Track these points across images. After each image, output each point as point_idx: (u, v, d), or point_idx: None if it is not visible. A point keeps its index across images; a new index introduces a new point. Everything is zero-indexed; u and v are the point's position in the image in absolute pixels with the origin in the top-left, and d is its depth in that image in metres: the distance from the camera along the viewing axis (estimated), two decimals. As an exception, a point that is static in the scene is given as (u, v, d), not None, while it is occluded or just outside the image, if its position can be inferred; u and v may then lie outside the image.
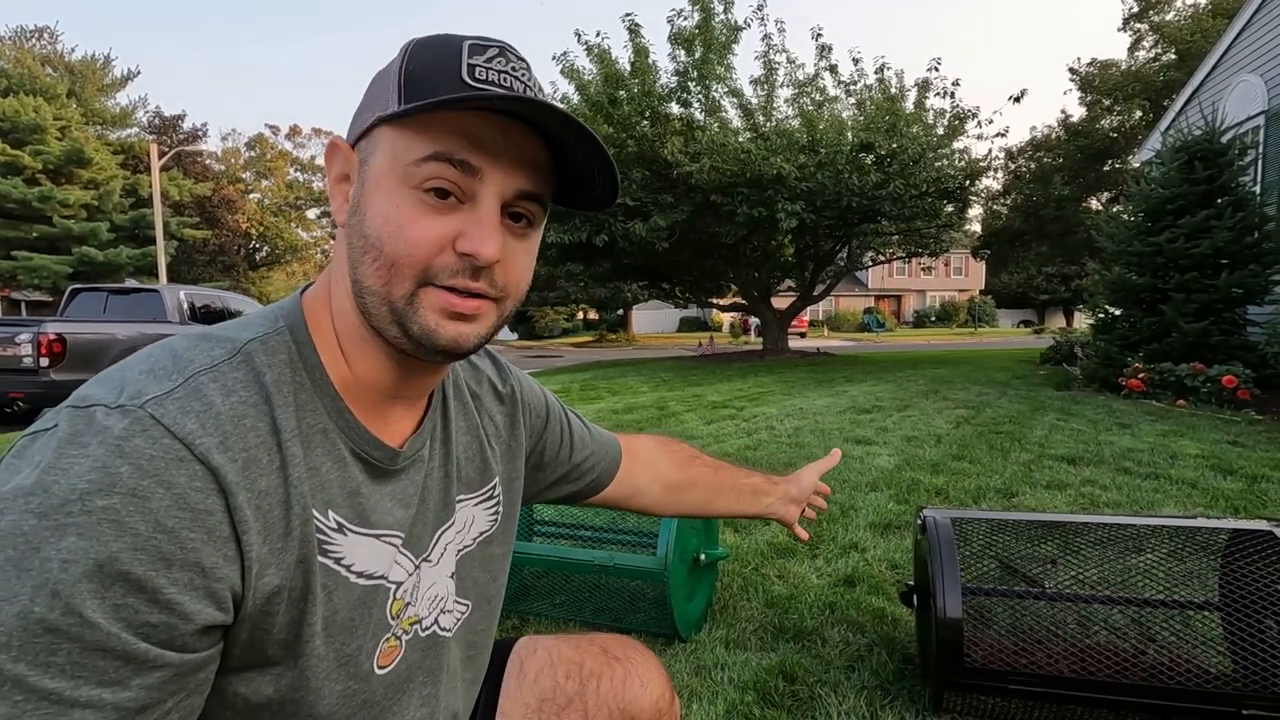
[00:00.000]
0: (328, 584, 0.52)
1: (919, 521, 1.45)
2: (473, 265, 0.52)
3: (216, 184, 31.05)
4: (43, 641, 0.38)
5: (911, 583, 1.61)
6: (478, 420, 0.72)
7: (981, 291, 43.61)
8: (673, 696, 0.81)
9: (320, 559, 0.51)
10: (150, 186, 19.48)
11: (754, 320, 30.13)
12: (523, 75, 0.52)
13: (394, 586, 0.58)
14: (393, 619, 0.58)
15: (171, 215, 25.23)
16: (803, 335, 27.33)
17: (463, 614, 0.68)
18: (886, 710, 1.36)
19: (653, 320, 43.08)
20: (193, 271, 28.74)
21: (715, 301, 16.07)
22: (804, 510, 1.11)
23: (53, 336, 6.75)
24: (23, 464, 0.42)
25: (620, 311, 33.83)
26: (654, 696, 0.76)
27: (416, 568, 0.60)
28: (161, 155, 19.56)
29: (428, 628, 0.62)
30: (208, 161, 31.49)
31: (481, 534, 0.70)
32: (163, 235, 18.06)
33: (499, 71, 0.51)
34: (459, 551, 0.67)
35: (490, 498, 0.72)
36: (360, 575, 0.55)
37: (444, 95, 0.48)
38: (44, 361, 6.67)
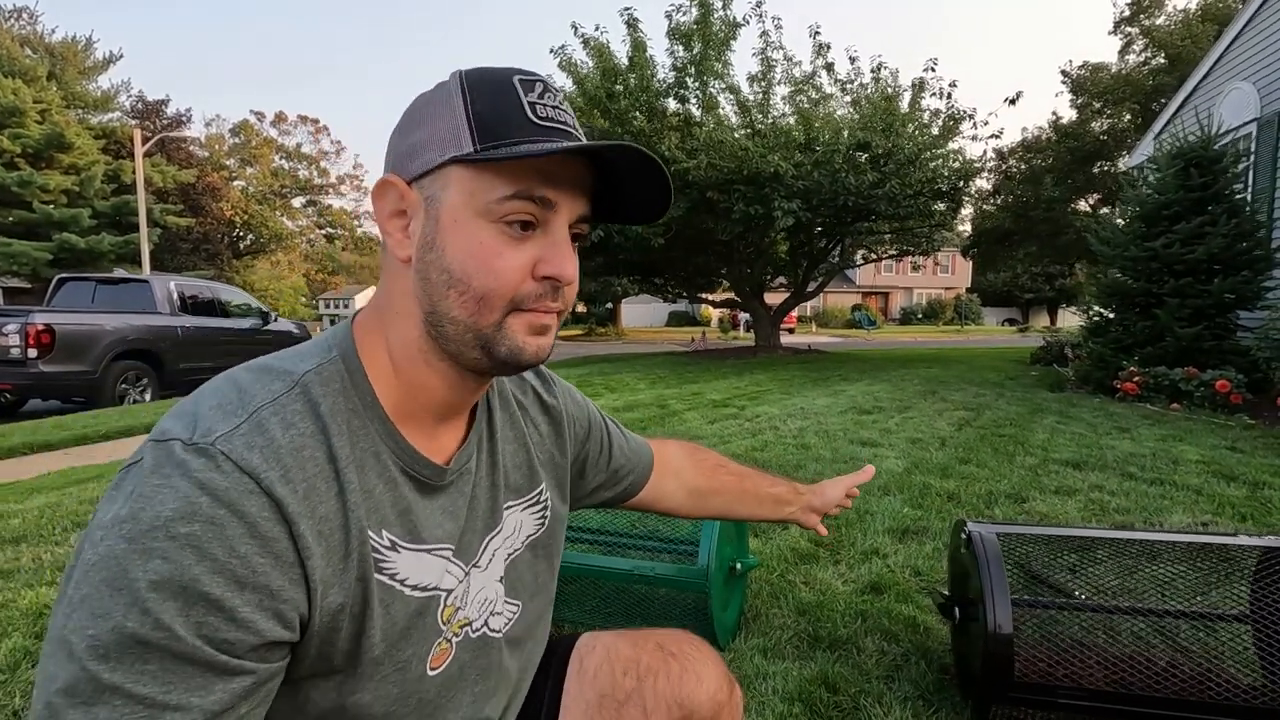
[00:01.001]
0: (385, 599, 0.56)
1: (963, 536, 1.46)
2: (553, 287, 0.57)
3: (201, 171, 30.55)
4: (136, 652, 0.42)
5: (946, 593, 1.63)
6: (524, 429, 0.76)
7: (968, 289, 44.05)
8: (732, 687, 0.82)
9: (377, 576, 0.55)
10: (133, 172, 19.15)
11: (743, 315, 30.24)
12: (566, 107, 0.58)
13: (445, 594, 0.62)
14: (444, 624, 0.62)
15: (155, 202, 24.79)
16: (791, 331, 27.46)
17: (514, 614, 0.72)
18: (933, 722, 1.38)
19: (641, 314, 43.07)
20: (176, 260, 28.30)
21: (707, 297, 16.09)
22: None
23: (41, 327, 6.61)
24: (119, 495, 0.47)
25: (609, 305, 33.80)
26: (711, 691, 0.78)
27: (466, 574, 0.64)
28: (145, 141, 19.18)
29: (478, 629, 0.66)
30: (192, 148, 30.94)
31: (529, 537, 0.74)
32: (146, 222, 17.75)
33: (553, 107, 0.56)
34: (509, 555, 0.71)
35: (537, 502, 0.75)
36: (415, 588, 0.59)
37: (518, 136, 0.53)
38: (32, 352, 6.54)
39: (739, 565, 1.77)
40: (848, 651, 1.66)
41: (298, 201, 42.93)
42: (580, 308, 35.84)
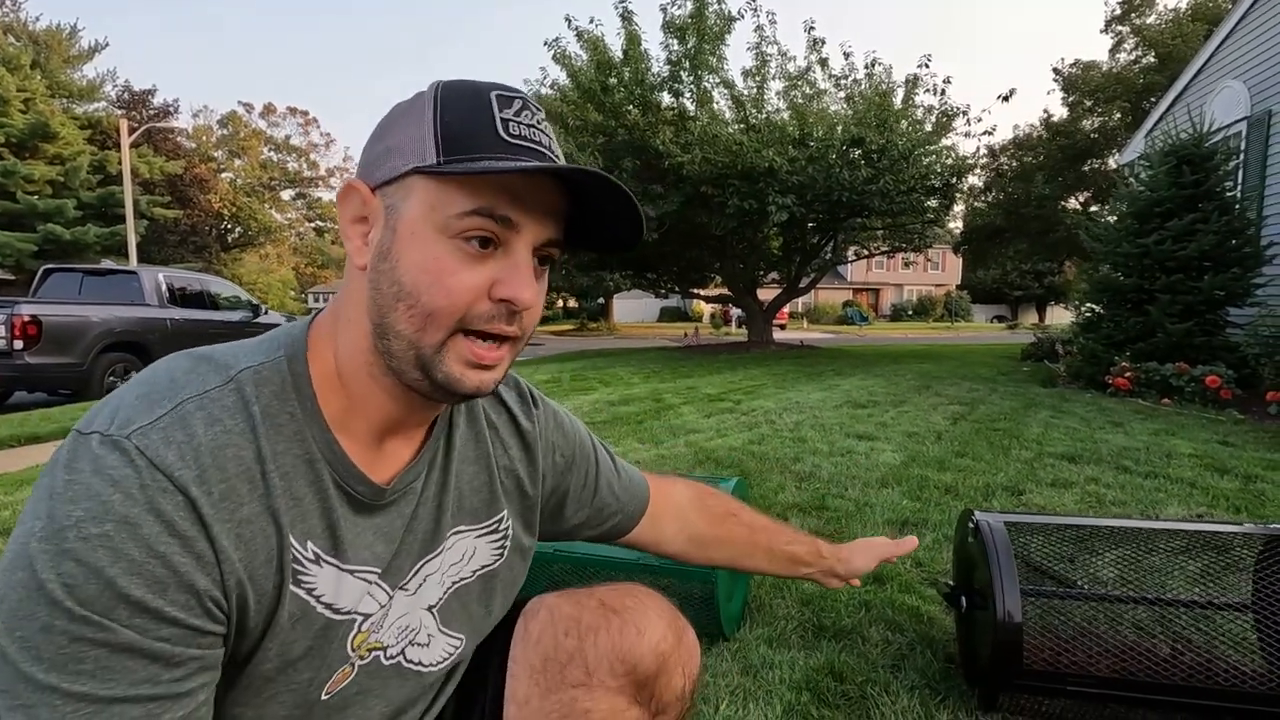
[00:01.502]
0: (294, 613, 0.53)
1: (971, 525, 1.46)
2: (509, 310, 0.54)
3: (188, 162, 30.19)
4: (69, 651, 0.41)
5: (951, 583, 1.63)
6: (489, 450, 0.71)
7: (958, 286, 44.30)
8: (680, 635, 0.79)
9: (293, 588, 0.53)
10: (119, 163, 18.87)
11: (735, 311, 30.28)
12: (545, 127, 0.56)
13: (362, 619, 0.59)
14: (351, 650, 0.59)
15: (141, 193, 24.49)
16: (783, 327, 27.53)
17: (454, 650, 0.69)
18: (941, 710, 1.38)
19: (633, 310, 43.05)
20: (163, 252, 27.99)
21: (699, 292, 16.09)
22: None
23: (27, 318, 6.52)
24: (39, 491, 0.45)
25: (601, 300, 33.75)
26: (653, 642, 0.76)
27: (390, 597, 0.61)
28: (131, 131, 18.93)
29: (391, 658, 0.63)
30: (179, 139, 30.59)
31: (483, 567, 0.70)
32: (132, 214, 17.52)
33: (528, 125, 0.54)
34: (454, 584, 0.67)
35: (495, 530, 0.72)
36: (329, 608, 0.56)
37: (485, 152, 0.51)
38: (18, 344, 6.45)
39: (744, 555, 1.77)
40: (853, 641, 1.66)
41: (287, 194, 42.60)
42: (572, 303, 35.77)
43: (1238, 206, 6.38)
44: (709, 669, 1.53)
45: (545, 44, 11.45)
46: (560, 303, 37.39)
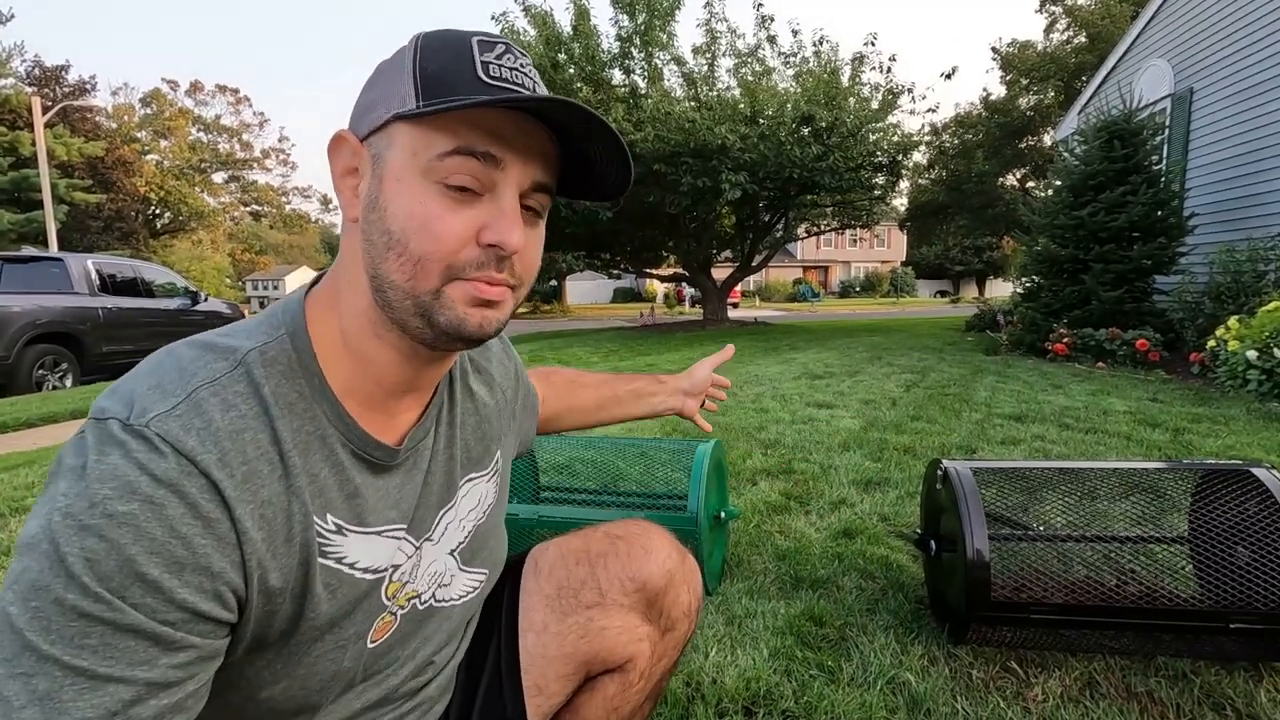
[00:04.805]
0: (330, 582, 0.55)
1: (939, 472, 1.54)
2: (498, 256, 0.53)
3: (109, 143, 28.46)
4: (77, 626, 0.42)
5: (919, 530, 1.72)
6: (483, 396, 0.74)
7: (903, 263, 45.53)
8: (683, 556, 0.86)
9: (321, 560, 0.54)
10: (32, 144, 17.66)
11: (689, 291, 30.43)
12: (530, 71, 0.55)
13: (393, 570, 0.61)
14: (388, 599, 0.62)
15: (59, 177, 22.99)
16: (735, 306, 27.86)
17: (479, 583, 0.73)
18: (915, 645, 1.46)
19: (587, 291, 42.82)
20: (86, 239, 26.47)
21: (653, 272, 16.12)
22: (703, 402, 1.16)
23: (-59, 309, 6.10)
24: (60, 470, 0.46)
25: (554, 282, 33.46)
26: (660, 560, 0.81)
27: (417, 549, 0.64)
28: (45, 110, 17.70)
29: (425, 602, 0.66)
30: (98, 118, 28.79)
31: (490, 506, 0.75)
32: (50, 198, 16.45)
33: (510, 69, 0.53)
34: (474, 526, 0.71)
35: (495, 472, 0.76)
36: (365, 570, 0.58)
37: (464, 94, 0.50)
38: (-66, 337, 6.04)
39: (723, 515, 1.82)
40: (828, 590, 1.74)
41: (219, 177, 40.62)
42: (525, 285, 35.27)
43: (1163, 180, 6.74)
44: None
45: (493, 18, 11.20)
46: (512, 286, 36.78)
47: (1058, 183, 7.20)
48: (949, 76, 11.94)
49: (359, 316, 0.56)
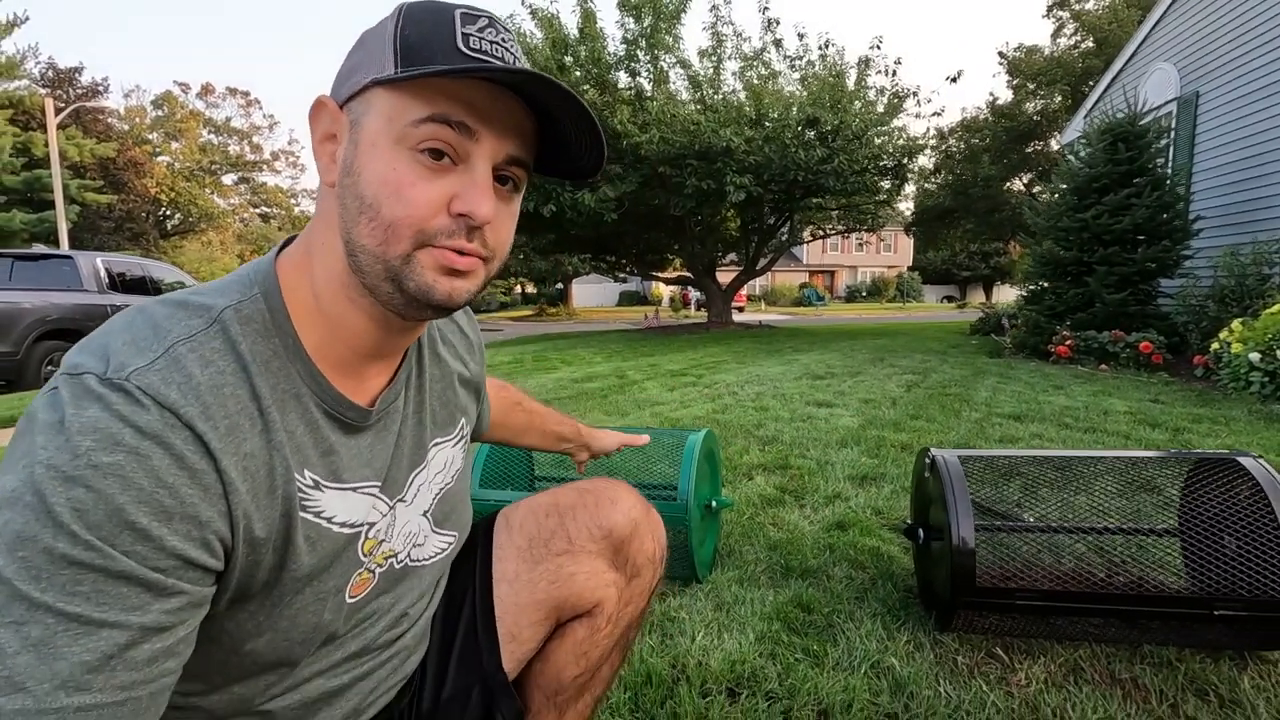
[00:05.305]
0: (310, 535, 0.57)
1: (927, 460, 1.55)
2: (468, 226, 0.54)
3: (121, 145, 28.70)
4: (68, 574, 0.42)
5: (909, 520, 1.72)
6: (450, 365, 0.77)
7: (909, 268, 45.39)
8: (646, 508, 0.89)
9: (301, 514, 0.56)
10: (45, 145, 17.83)
11: (694, 294, 30.42)
12: (511, 47, 0.55)
13: (368, 527, 0.64)
14: (365, 556, 0.64)
15: (71, 177, 23.17)
16: (741, 309, 27.84)
17: (449, 544, 0.76)
18: (901, 631, 1.47)
19: (592, 294, 42.90)
20: (97, 239, 26.66)
21: (659, 274, 16.14)
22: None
23: (-46, 305, 6.17)
24: (33, 425, 0.45)
25: (560, 285, 33.53)
26: (625, 509, 0.85)
27: (391, 508, 0.67)
28: (58, 111, 17.90)
29: (401, 561, 0.69)
30: (110, 120, 29.07)
31: (457, 471, 0.77)
32: (62, 199, 16.60)
33: (491, 42, 0.53)
34: (442, 489, 0.74)
35: (461, 436, 0.79)
36: (343, 525, 0.60)
37: (442, 63, 0.51)
38: (-56, 332, 6.11)
39: (714, 504, 1.83)
40: (818, 579, 1.75)
41: (229, 178, 40.86)
42: (530, 288, 35.43)
43: (1168, 183, 6.72)
44: (683, 608, 1.59)
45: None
46: (519, 288, 37.00)
47: (1062, 185, 7.19)
48: (954, 80, 11.92)
49: (332, 281, 0.56)
